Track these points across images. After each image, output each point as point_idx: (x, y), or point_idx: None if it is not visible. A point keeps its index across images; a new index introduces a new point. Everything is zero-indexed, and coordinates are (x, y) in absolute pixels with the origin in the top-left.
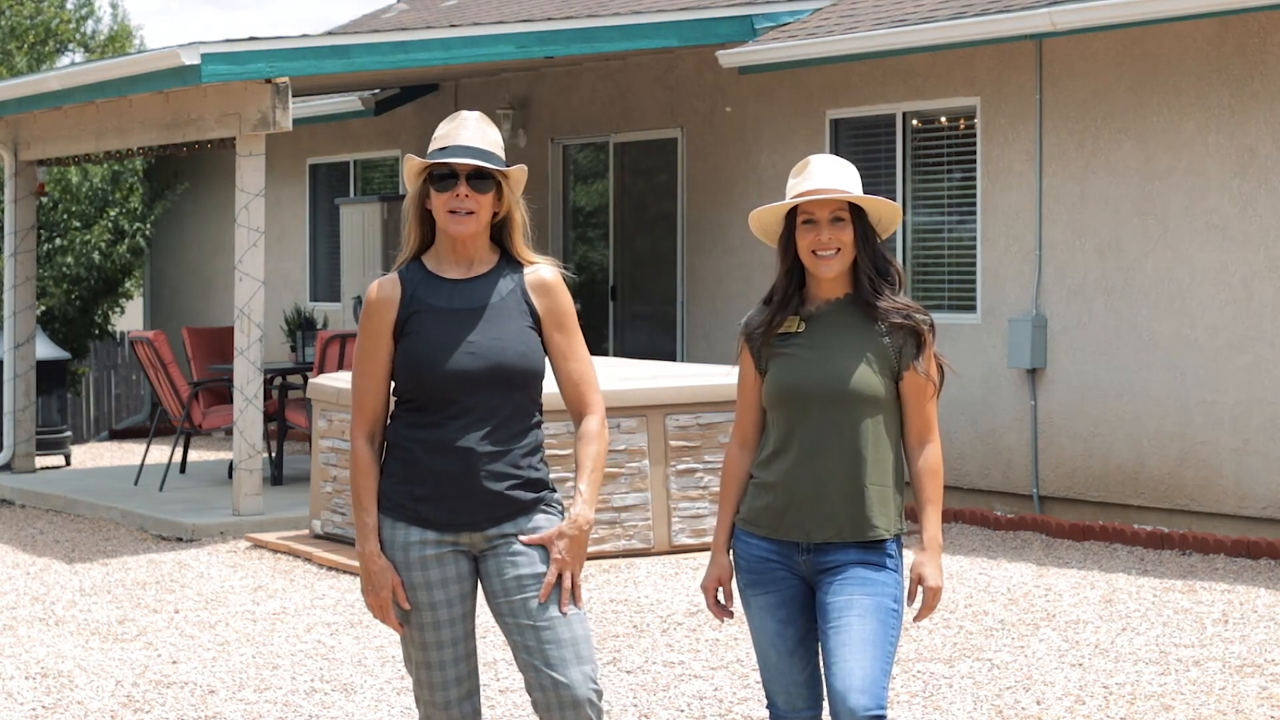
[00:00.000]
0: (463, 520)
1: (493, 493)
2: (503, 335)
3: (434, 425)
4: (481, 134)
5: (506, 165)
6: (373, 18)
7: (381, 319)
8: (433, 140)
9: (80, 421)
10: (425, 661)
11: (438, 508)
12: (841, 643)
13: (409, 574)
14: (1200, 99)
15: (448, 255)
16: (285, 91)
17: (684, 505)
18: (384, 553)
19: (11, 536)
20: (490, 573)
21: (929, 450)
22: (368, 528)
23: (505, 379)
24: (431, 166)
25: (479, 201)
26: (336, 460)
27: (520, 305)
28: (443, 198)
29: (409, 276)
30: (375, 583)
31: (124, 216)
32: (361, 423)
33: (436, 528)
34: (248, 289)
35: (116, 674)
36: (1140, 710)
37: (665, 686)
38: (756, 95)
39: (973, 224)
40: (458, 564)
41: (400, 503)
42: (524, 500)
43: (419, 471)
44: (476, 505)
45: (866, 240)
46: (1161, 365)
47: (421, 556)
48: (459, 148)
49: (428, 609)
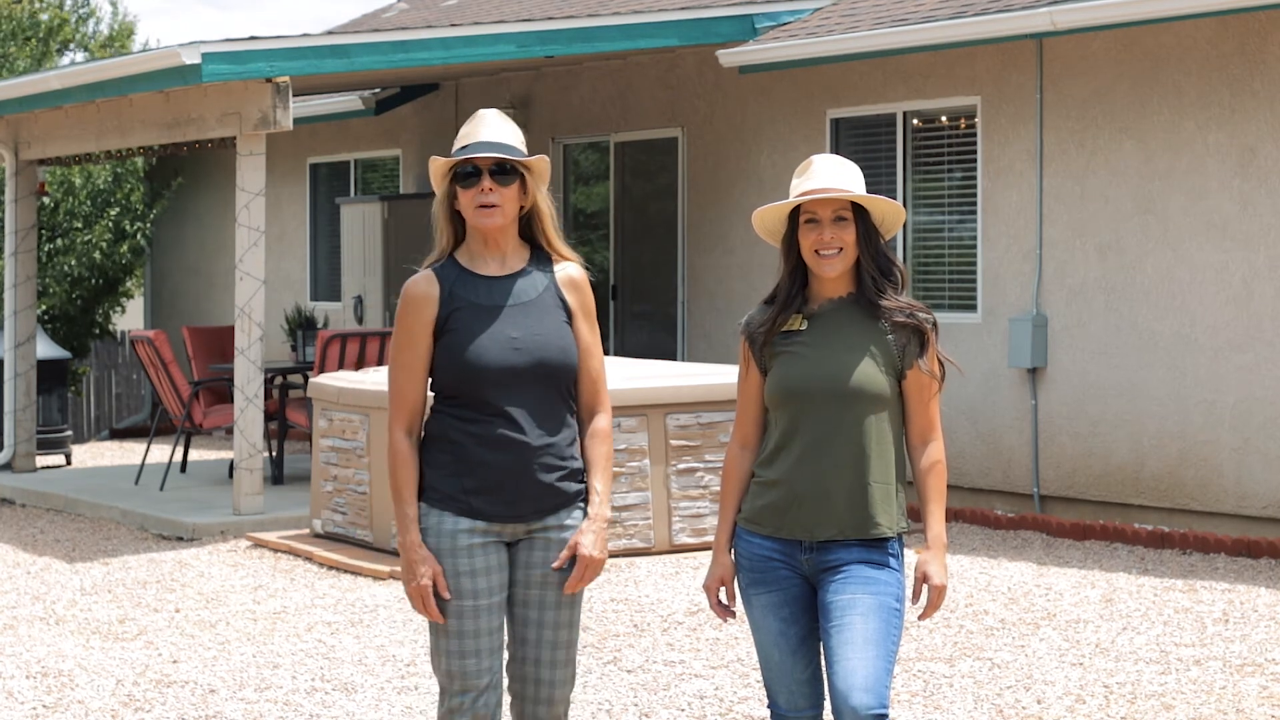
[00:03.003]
0: (514, 512)
1: (543, 484)
2: (544, 331)
3: (483, 420)
4: (501, 129)
5: (527, 157)
6: (373, 17)
7: (421, 315)
8: (456, 141)
9: (81, 421)
10: (460, 650)
11: (491, 500)
12: (844, 641)
13: (455, 560)
14: (1200, 99)
15: (480, 251)
16: (286, 91)
17: (684, 504)
18: (428, 540)
19: (12, 536)
20: (519, 561)
21: (932, 449)
22: (408, 519)
23: (548, 373)
24: (455, 165)
25: (503, 194)
26: (337, 459)
27: (555, 301)
28: (468, 194)
29: (445, 273)
30: (416, 571)
31: (125, 216)
32: (401, 416)
33: (486, 518)
34: (248, 288)
35: (117, 673)
36: (1141, 709)
37: (666, 686)
38: (757, 95)
39: (973, 223)
40: (499, 554)
41: (450, 494)
42: (570, 492)
43: (470, 465)
44: (528, 497)
45: (869, 240)
46: (1162, 365)
47: (469, 545)
48: (480, 144)
49: (470, 596)
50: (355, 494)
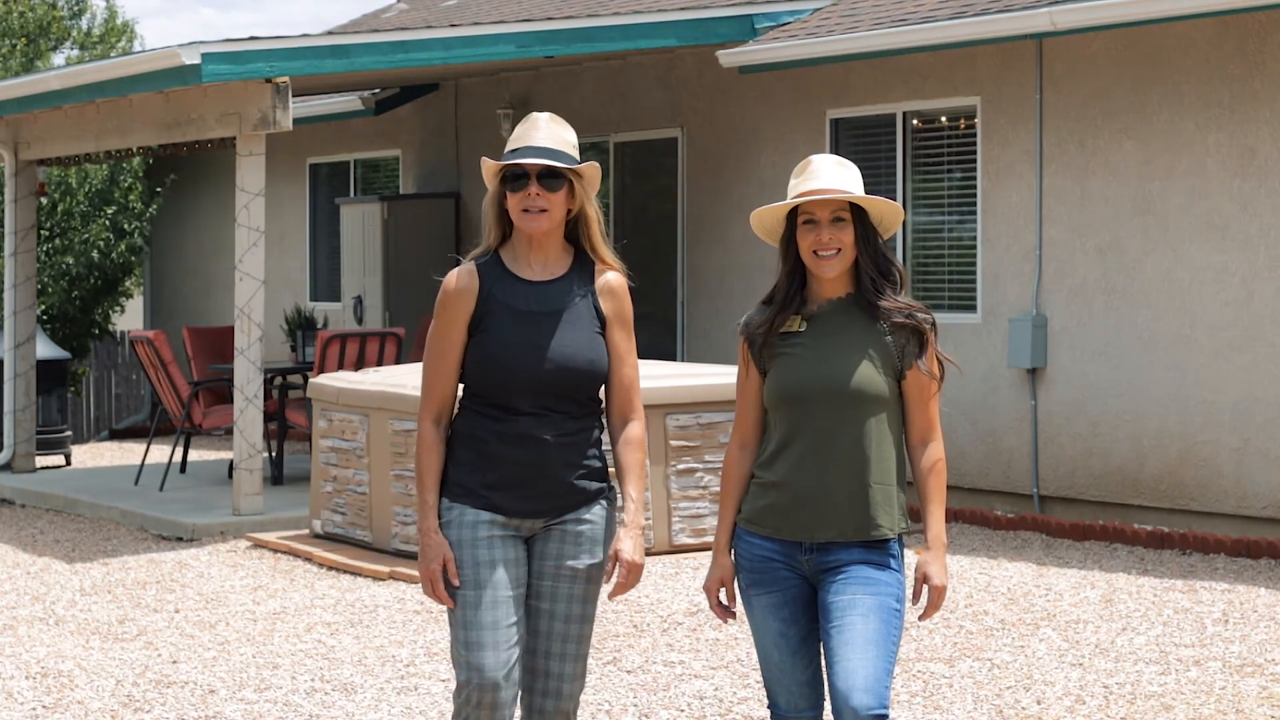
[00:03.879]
0: (533, 508)
1: (563, 482)
2: (574, 342)
3: (506, 419)
4: (552, 134)
5: (579, 163)
6: (373, 17)
7: (458, 310)
8: (508, 142)
9: (80, 421)
10: (479, 641)
11: (510, 496)
12: (844, 642)
13: (475, 551)
14: (1200, 99)
15: (524, 253)
16: (285, 91)
17: (684, 505)
18: (448, 532)
19: (11, 536)
20: (536, 554)
21: (932, 449)
22: (428, 505)
23: (573, 383)
24: (506, 168)
25: (550, 200)
26: (336, 460)
27: (591, 312)
28: (516, 197)
29: (486, 271)
30: (429, 555)
31: (123, 215)
32: (430, 406)
33: (506, 513)
34: (248, 289)
35: (117, 674)
36: (1140, 710)
37: (665, 686)
38: (757, 95)
39: (973, 224)
40: (517, 548)
41: (471, 489)
42: (590, 490)
43: (492, 461)
44: (547, 494)
45: (868, 240)
46: (1161, 365)
47: (489, 536)
48: (530, 148)
49: (489, 586)
50: (355, 494)
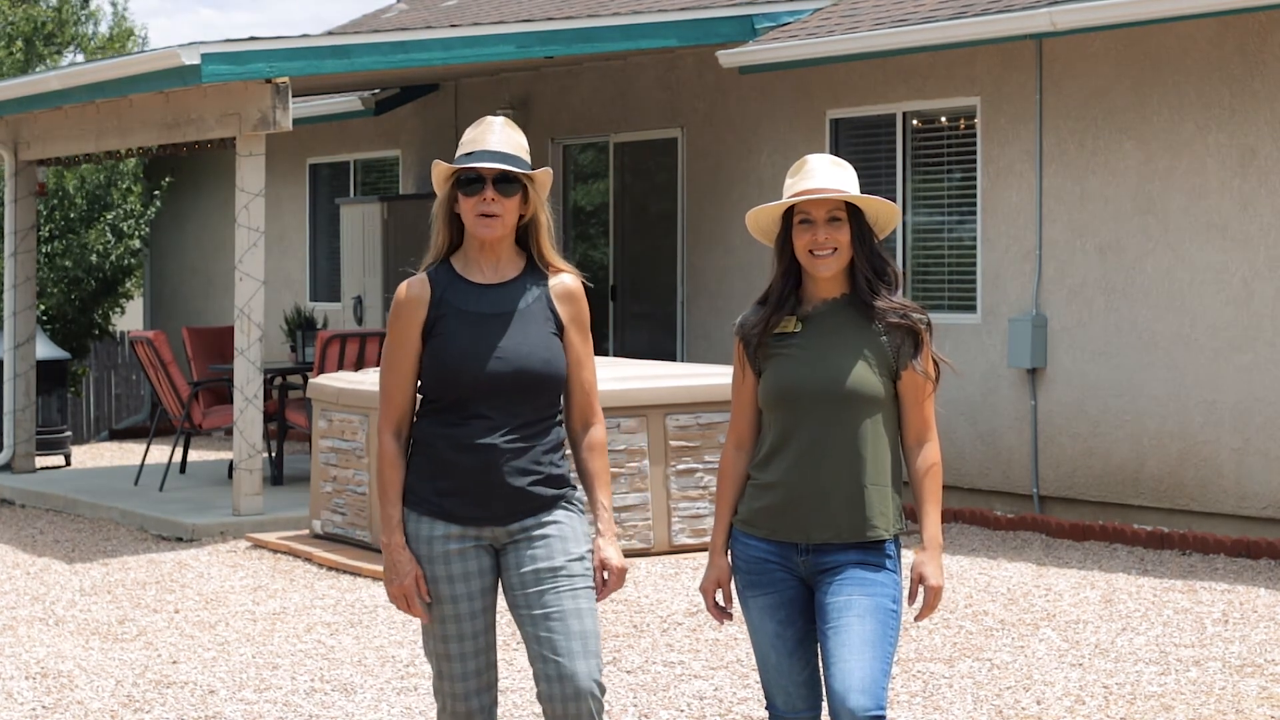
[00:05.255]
0: (485, 515)
1: (514, 488)
2: (528, 342)
3: (458, 424)
4: (506, 138)
5: (532, 168)
6: (373, 18)
7: (411, 319)
8: (460, 146)
9: (80, 421)
10: (446, 654)
11: (461, 502)
12: (841, 643)
13: (432, 567)
14: (1200, 99)
15: (475, 258)
16: (285, 91)
17: (684, 505)
18: (408, 545)
19: (11, 536)
20: (509, 565)
21: (928, 449)
22: (392, 520)
23: (529, 384)
24: (459, 171)
25: (505, 205)
26: (336, 460)
27: (545, 312)
28: (470, 201)
29: (438, 278)
30: (398, 572)
31: (122, 217)
32: (389, 418)
33: (460, 522)
34: (248, 289)
35: (116, 674)
36: (1140, 710)
37: (665, 686)
38: (757, 95)
39: (973, 224)
40: (479, 559)
41: (425, 497)
42: (545, 496)
43: (443, 468)
44: (498, 500)
45: (863, 240)
46: (1161, 365)
47: (445, 551)
48: (485, 152)
49: (449, 602)
50: (355, 495)
